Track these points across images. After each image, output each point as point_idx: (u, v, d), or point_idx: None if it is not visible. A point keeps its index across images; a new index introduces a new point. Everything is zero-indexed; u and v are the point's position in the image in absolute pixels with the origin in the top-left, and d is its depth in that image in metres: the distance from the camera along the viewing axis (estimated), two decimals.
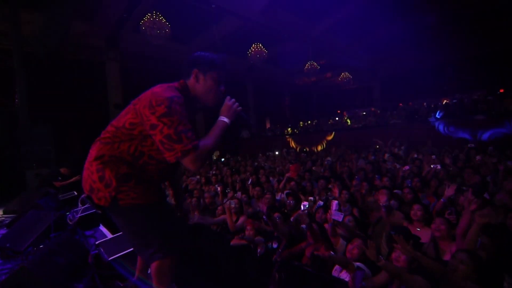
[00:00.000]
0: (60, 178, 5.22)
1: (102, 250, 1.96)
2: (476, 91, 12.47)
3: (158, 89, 1.32)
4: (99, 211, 1.38)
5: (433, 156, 5.67)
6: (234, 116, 1.46)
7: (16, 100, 6.83)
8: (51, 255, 1.75)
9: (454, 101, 11.39)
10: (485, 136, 7.73)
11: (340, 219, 2.78)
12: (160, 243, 1.38)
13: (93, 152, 1.36)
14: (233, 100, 1.46)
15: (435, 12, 11.97)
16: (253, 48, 11.65)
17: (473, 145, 6.95)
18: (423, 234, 2.62)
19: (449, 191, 2.96)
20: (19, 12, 6.87)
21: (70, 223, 1.80)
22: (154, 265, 1.42)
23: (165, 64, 11.91)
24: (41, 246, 2.40)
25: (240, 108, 1.48)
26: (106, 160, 1.30)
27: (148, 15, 8.46)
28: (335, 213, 2.83)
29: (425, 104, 11.97)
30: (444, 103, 12.63)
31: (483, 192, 3.17)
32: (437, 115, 9.01)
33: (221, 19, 10.96)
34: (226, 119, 1.43)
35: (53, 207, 3.41)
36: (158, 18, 8.43)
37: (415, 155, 6.69)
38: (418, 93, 16.05)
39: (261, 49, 11.66)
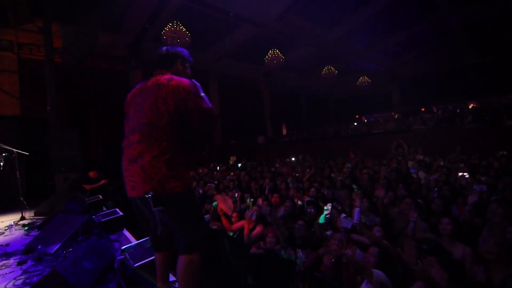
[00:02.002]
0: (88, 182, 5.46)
1: (127, 256, 2.00)
2: (505, 95, 11.77)
3: (174, 80, 1.52)
4: (160, 207, 1.42)
5: (462, 165, 5.37)
6: None
7: (48, 108, 7.24)
8: (80, 260, 1.81)
9: (482, 105, 10.79)
10: None
11: (349, 226, 2.70)
12: (205, 234, 1.58)
13: (146, 151, 1.45)
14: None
15: (458, 13, 11.51)
16: (270, 54, 11.72)
17: (505, 152, 6.52)
18: (455, 250, 2.46)
19: (472, 197, 2.77)
20: (51, 25, 7.34)
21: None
22: (186, 259, 1.47)
23: None
24: (70, 249, 2.50)
25: None
26: (167, 153, 1.45)
27: (169, 25, 8.76)
28: (343, 220, 2.75)
29: (450, 107, 11.42)
30: (471, 107, 12.03)
31: None
32: None
33: (238, 27, 11.15)
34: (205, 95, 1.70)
35: (80, 210, 3.54)
36: (179, 28, 8.71)
37: (441, 163, 6.38)
38: (441, 97, 15.42)
39: (278, 55, 11.70)
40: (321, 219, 3.35)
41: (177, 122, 1.49)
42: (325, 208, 3.42)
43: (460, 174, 4.12)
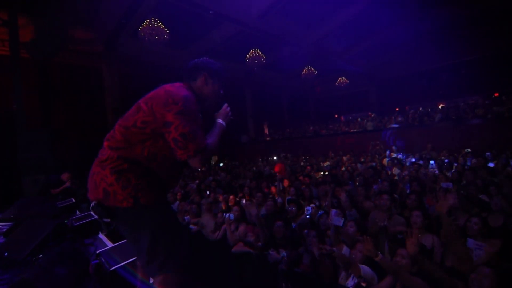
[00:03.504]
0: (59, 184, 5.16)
1: (103, 259, 1.93)
2: (472, 96, 12.65)
3: (171, 88, 1.33)
4: (108, 219, 1.25)
5: (432, 162, 5.71)
6: (228, 121, 1.59)
7: (14, 106, 6.77)
8: (52, 266, 1.72)
9: (450, 105, 11.53)
10: None
11: (341, 224, 2.79)
12: (170, 252, 1.32)
13: (103, 156, 1.29)
14: (229, 107, 1.59)
15: (431, 17, 12.17)
16: (251, 53, 11.73)
17: (469, 150, 7.04)
18: (425, 240, 2.63)
19: (450, 199, 2.95)
20: (17, 18, 6.86)
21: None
22: (159, 280, 1.33)
23: (163, 70, 11.94)
24: (40, 256, 2.36)
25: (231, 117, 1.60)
26: (120, 163, 1.25)
27: (147, 21, 8.50)
28: (335, 218, 2.83)
29: (421, 108, 12.09)
30: (440, 107, 12.79)
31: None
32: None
33: (219, 25, 11.04)
34: (223, 123, 1.53)
35: (50, 215, 3.36)
36: (157, 24, 8.47)
37: (413, 159, 6.74)
38: (414, 98, 16.28)
39: (259, 54, 11.75)
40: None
41: (148, 128, 1.26)
42: (306, 208, 3.50)
43: (430, 170, 4.39)
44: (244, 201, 4.08)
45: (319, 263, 2.71)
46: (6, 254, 2.50)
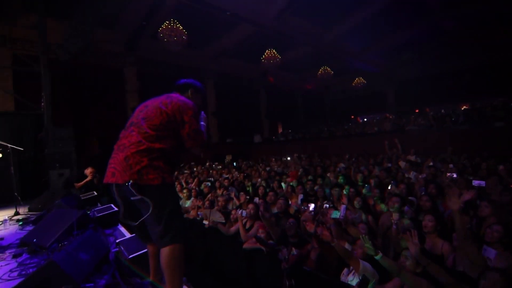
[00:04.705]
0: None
1: (122, 248, 2.05)
2: (497, 97, 12.01)
3: (181, 97, 1.81)
4: (139, 197, 1.51)
5: (451, 165, 5.51)
6: (207, 124, 2.01)
7: (42, 104, 7.20)
8: (76, 251, 1.86)
9: (474, 107, 11.00)
10: None
11: (338, 216, 2.80)
12: (181, 226, 1.63)
13: (140, 146, 1.57)
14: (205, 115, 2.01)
15: (455, 16, 11.70)
16: (266, 53, 11.77)
17: (486, 153, 6.71)
18: (436, 244, 2.55)
19: (466, 196, 2.86)
20: (46, 20, 7.29)
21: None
22: (168, 250, 1.53)
23: (180, 70, 12.24)
24: (65, 243, 2.53)
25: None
26: (153, 152, 1.57)
27: (166, 23, 8.75)
28: (333, 212, 2.86)
29: (442, 110, 11.62)
30: (463, 109, 12.26)
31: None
32: None
33: (236, 26, 11.18)
34: (204, 124, 1.92)
35: (75, 206, 3.57)
36: (176, 26, 8.71)
37: (431, 163, 6.51)
38: (435, 99, 15.66)
39: (275, 54, 11.76)
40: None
41: (170, 126, 1.67)
42: (309, 205, 3.52)
43: (448, 174, 4.24)
44: (257, 199, 4.14)
45: (324, 259, 2.73)
46: (34, 240, 2.70)
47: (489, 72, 13.67)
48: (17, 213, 4.42)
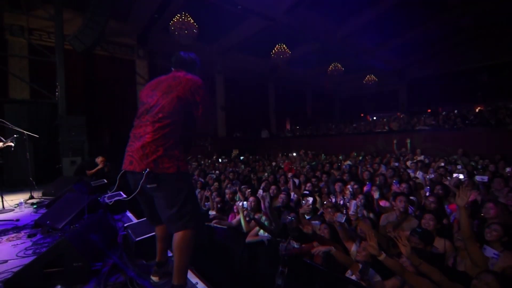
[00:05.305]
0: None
1: (130, 231, 2.16)
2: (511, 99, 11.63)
3: (189, 76, 1.76)
4: (155, 185, 1.56)
5: (459, 166, 5.42)
6: None
7: (57, 93, 7.43)
8: (87, 231, 1.97)
9: (488, 108, 10.68)
10: None
11: (342, 221, 2.82)
12: (195, 212, 1.67)
13: (155, 135, 1.59)
14: None
15: (472, 13, 11.30)
16: (276, 48, 11.71)
17: (498, 156, 6.55)
18: (437, 244, 2.56)
19: (472, 195, 2.85)
20: (62, 12, 7.48)
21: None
22: (181, 234, 1.59)
23: None
24: (76, 225, 2.67)
25: None
26: (168, 140, 1.60)
27: (178, 16, 8.81)
28: (338, 215, 2.87)
29: (456, 111, 11.33)
30: (477, 110, 11.92)
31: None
32: None
33: (246, 20, 11.13)
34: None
35: (86, 192, 3.72)
36: (187, 19, 8.76)
37: (442, 164, 6.42)
38: (449, 99, 15.26)
39: (285, 49, 11.69)
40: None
41: (183, 109, 1.66)
42: (307, 199, 3.56)
43: (455, 175, 4.19)
44: (260, 192, 4.20)
45: (332, 258, 2.77)
46: (48, 222, 2.85)
47: (506, 72, 13.21)
48: (31, 197, 4.63)
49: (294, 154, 10.80)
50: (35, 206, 4.06)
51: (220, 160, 10.22)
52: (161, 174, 1.56)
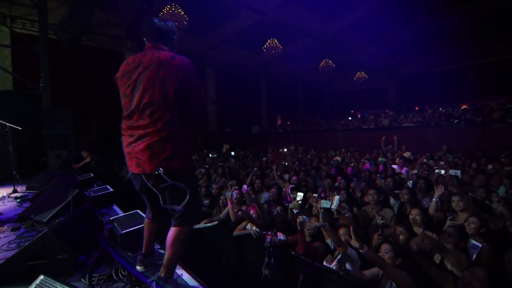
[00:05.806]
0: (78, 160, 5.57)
1: (115, 224, 2.16)
2: (499, 98, 12.02)
3: (177, 59, 1.57)
4: (167, 184, 1.52)
5: (442, 162, 5.62)
6: None
7: (41, 84, 7.20)
8: (72, 225, 1.96)
9: (472, 107, 11.04)
10: None
11: (328, 206, 2.92)
12: (197, 208, 1.73)
13: (161, 133, 1.52)
14: None
15: (459, 14, 11.55)
16: (268, 43, 11.67)
17: (480, 153, 6.84)
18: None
19: (439, 190, 3.03)
20: (46, 0, 7.20)
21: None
22: (179, 228, 1.61)
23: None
24: (61, 219, 2.64)
25: None
26: (173, 137, 1.55)
27: (168, 7, 8.64)
28: (323, 201, 2.97)
29: (441, 108, 11.66)
30: (463, 108, 12.30)
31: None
32: None
33: (238, 14, 11.02)
34: None
35: (72, 185, 3.67)
36: (177, 11, 8.60)
37: (425, 160, 6.64)
38: (437, 97, 15.65)
39: (277, 44, 11.67)
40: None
41: (181, 101, 1.55)
42: (298, 194, 3.64)
43: (436, 170, 4.35)
44: (245, 187, 4.25)
45: (310, 246, 2.87)
46: (32, 216, 2.81)
47: (494, 71, 13.62)
48: (15, 191, 4.52)
49: (285, 149, 10.89)
50: (18, 200, 3.97)
51: (210, 155, 10.21)
52: (173, 171, 1.53)
